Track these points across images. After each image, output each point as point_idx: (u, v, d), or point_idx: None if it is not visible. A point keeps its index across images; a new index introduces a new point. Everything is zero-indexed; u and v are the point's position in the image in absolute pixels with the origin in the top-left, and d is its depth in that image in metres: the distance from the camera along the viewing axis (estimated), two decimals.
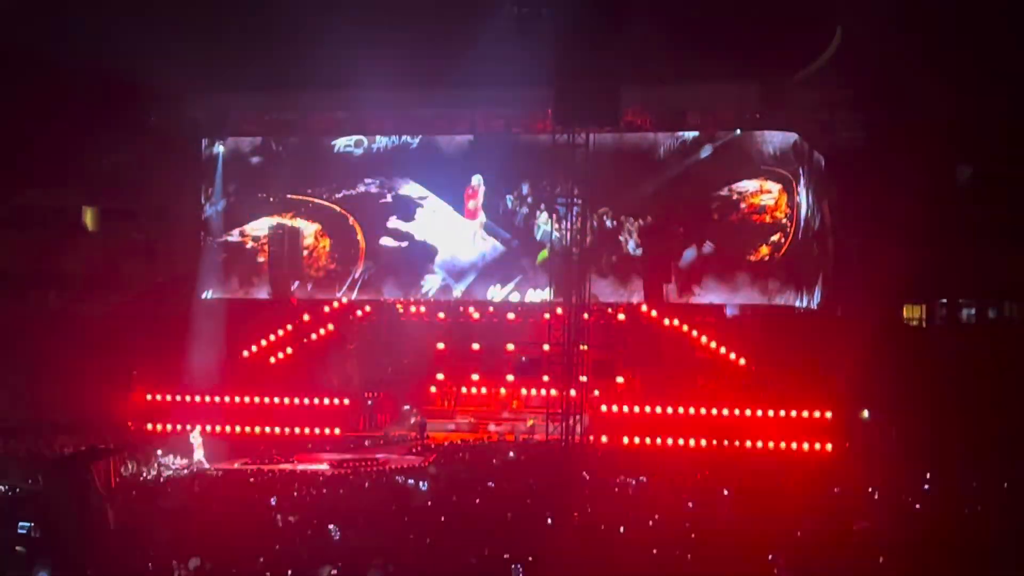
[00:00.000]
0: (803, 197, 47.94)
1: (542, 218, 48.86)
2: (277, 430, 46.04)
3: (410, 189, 50.75)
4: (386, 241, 50.79)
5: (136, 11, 48.59)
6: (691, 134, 48.25)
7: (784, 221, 47.67)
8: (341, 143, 51.11)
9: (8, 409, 45.42)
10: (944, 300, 54.27)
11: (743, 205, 47.96)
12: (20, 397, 47.07)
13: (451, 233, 50.47)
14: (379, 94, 48.66)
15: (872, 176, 48.43)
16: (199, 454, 38.84)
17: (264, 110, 51.35)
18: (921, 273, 50.29)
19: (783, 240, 47.68)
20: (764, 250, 47.71)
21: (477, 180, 50.04)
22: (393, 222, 50.82)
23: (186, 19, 46.91)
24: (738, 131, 47.47)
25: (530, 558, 22.10)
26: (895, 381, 46.26)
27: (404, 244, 50.74)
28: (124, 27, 51.05)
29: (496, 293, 49.78)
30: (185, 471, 36.97)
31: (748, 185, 47.91)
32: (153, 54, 50.33)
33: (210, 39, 48.10)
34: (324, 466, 38.57)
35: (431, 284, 50.49)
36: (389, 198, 50.84)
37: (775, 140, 47.61)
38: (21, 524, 25.39)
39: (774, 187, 47.73)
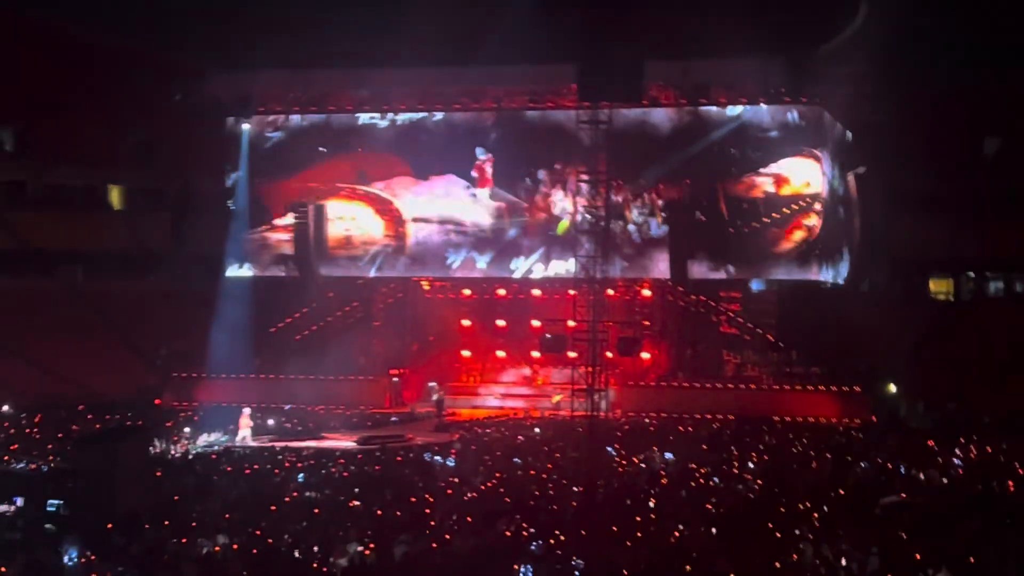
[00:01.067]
0: (829, 172, 47.61)
1: (558, 195, 48.65)
2: (303, 407, 46.16)
3: (433, 163, 50.42)
4: (415, 216, 50.49)
5: None
6: (715, 109, 47.79)
7: (810, 197, 47.26)
8: (365, 117, 50.87)
9: (36, 387, 45.65)
10: (971, 274, 54.00)
11: (769, 180, 47.63)
12: (48, 375, 47.33)
13: (472, 205, 50.04)
14: (402, 72, 48.62)
15: (898, 149, 48.14)
16: (246, 432, 38.95)
17: (287, 88, 51.18)
18: (948, 247, 50.08)
19: (810, 216, 47.35)
20: (793, 226, 47.32)
21: (481, 152, 49.69)
22: (419, 197, 50.49)
23: None
24: (763, 106, 47.06)
25: (556, 531, 22.16)
26: (922, 355, 46.17)
27: (430, 218, 50.39)
28: (147, 4, 51.34)
29: (519, 265, 49.38)
30: (214, 447, 37.02)
31: (774, 160, 47.53)
32: (176, 32, 50.55)
33: (233, 17, 48.21)
34: (351, 443, 38.69)
35: (455, 257, 50.22)
36: (414, 172, 50.52)
37: (800, 114, 47.22)
38: (50, 502, 25.59)
39: (801, 163, 47.32)
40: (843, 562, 20.12)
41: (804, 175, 47.05)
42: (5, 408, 43.05)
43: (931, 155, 49.05)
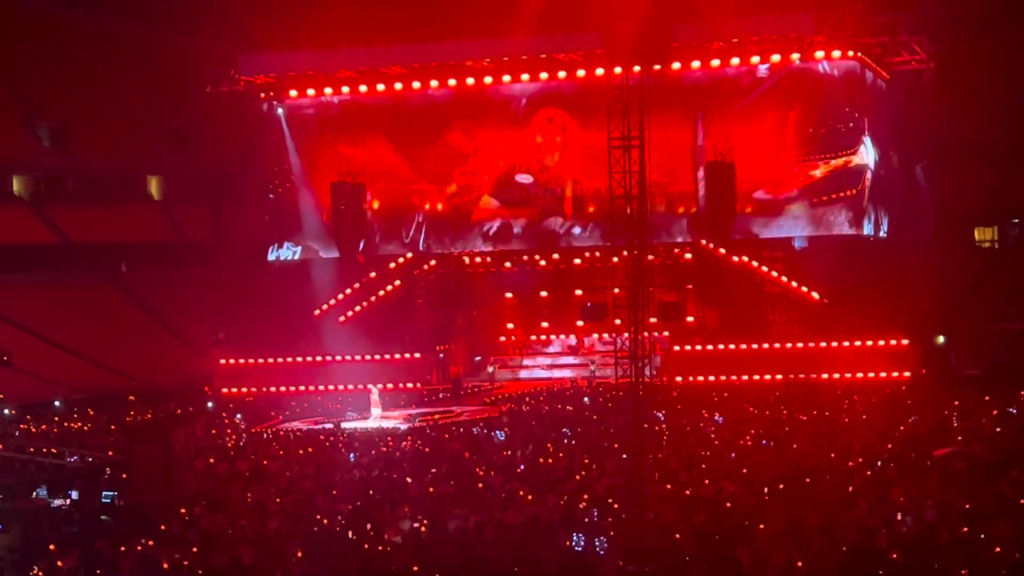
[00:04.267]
0: (866, 123, 47.25)
1: None
2: (351, 387, 46.32)
3: (466, 128, 50.92)
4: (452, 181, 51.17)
5: None
6: (749, 67, 47.49)
7: (853, 151, 47.03)
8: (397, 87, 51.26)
9: (86, 380, 46.03)
10: (1016, 220, 53.46)
11: (809, 138, 47.49)
12: (97, 367, 47.70)
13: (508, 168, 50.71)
14: (434, 47, 48.74)
15: (935, 98, 47.62)
16: (377, 410, 39.27)
17: (321, 68, 51.16)
18: (991, 194, 49.54)
19: (852, 169, 47.13)
20: (836, 180, 47.26)
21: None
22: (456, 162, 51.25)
23: None
24: (796, 59, 46.64)
25: (609, 500, 22.13)
26: (970, 304, 45.72)
27: (468, 183, 51.06)
28: None
29: (557, 224, 49.83)
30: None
31: (815, 117, 47.39)
32: (207, 17, 50.65)
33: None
34: (400, 421, 38.79)
35: (492, 223, 50.70)
36: (450, 138, 51.14)
37: (836, 67, 46.84)
38: (105, 494, 25.78)
39: (840, 117, 47.12)
40: (899, 516, 19.95)
41: (840, 129, 46.93)
42: (57, 403, 43.42)
43: (969, 101, 48.45)
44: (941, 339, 44.72)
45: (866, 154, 47.11)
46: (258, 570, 18.90)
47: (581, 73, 48.34)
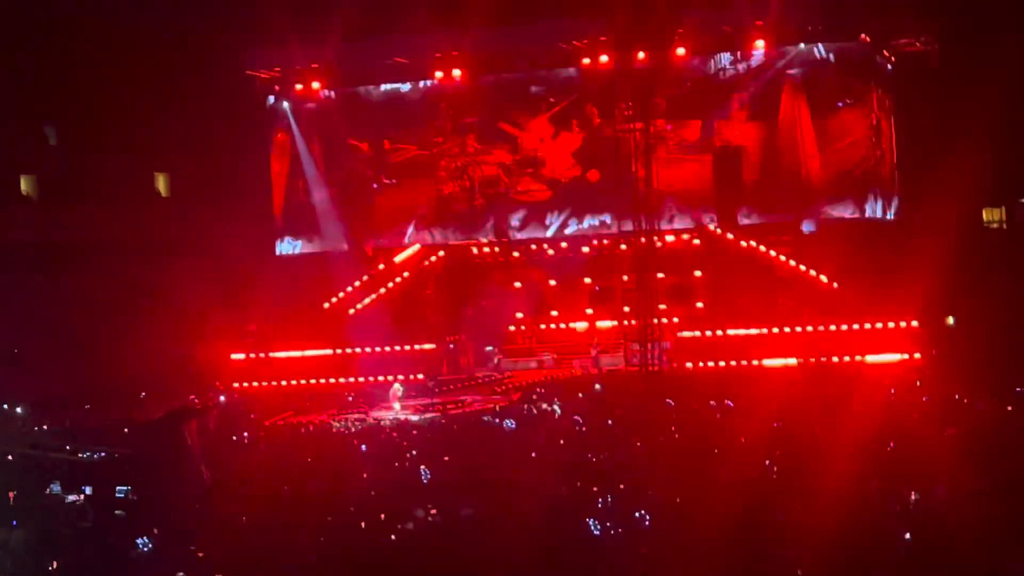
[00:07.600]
0: (873, 106, 47.22)
1: None
2: (362, 379, 46.36)
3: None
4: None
5: None
6: (754, 51, 47.55)
7: (859, 135, 47.05)
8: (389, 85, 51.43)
9: (99, 377, 46.10)
10: None
11: (815, 122, 47.46)
12: (110, 365, 47.75)
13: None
14: (439, 37, 48.86)
15: (943, 78, 47.52)
16: (398, 404, 39.35)
17: (326, 62, 51.23)
18: (999, 174, 49.42)
19: (859, 153, 47.14)
20: (846, 169, 47.39)
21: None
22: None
23: None
24: (801, 45, 46.67)
25: (621, 486, 22.17)
26: (979, 285, 45.66)
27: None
28: None
29: (553, 220, 50.14)
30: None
31: (820, 101, 47.38)
32: (213, 12, 50.73)
33: None
34: (411, 412, 38.86)
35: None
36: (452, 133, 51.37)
37: (841, 50, 46.81)
38: (119, 488, 25.83)
39: (846, 101, 47.14)
40: (913, 496, 19.98)
41: (849, 113, 46.93)
42: (67, 399, 43.45)
43: (977, 80, 48.33)
44: (951, 320, 44.69)
45: (875, 141, 47.06)
46: (269, 558, 18.94)
47: (586, 61, 48.31)
